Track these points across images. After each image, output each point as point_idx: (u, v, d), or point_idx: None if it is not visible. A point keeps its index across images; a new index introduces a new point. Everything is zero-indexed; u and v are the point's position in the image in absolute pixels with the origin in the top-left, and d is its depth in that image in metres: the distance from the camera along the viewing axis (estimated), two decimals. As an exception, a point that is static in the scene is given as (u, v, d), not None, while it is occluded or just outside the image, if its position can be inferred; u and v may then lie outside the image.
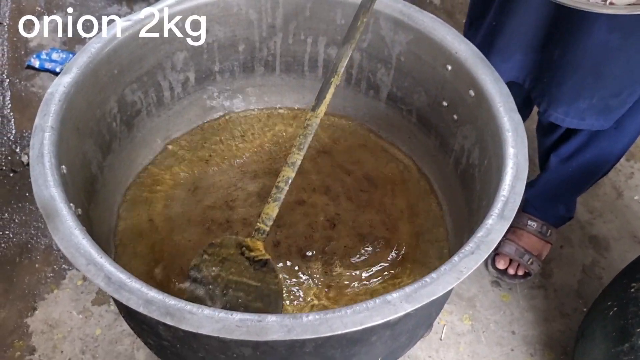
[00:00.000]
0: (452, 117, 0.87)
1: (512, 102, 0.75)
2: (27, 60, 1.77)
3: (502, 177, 0.68)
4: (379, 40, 0.91)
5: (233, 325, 0.54)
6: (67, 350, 1.24)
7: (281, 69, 1.01)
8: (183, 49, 0.90)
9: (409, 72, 0.91)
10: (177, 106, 0.97)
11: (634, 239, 1.51)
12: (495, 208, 0.65)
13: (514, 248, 1.37)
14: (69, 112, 0.73)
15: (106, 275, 0.57)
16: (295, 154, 0.75)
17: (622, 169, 1.63)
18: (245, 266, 0.74)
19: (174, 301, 0.55)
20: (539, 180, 1.32)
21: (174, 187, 0.92)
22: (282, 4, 0.91)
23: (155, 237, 0.86)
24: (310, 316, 0.55)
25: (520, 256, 1.36)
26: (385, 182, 0.95)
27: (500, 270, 1.37)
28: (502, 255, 1.37)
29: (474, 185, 0.83)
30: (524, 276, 1.37)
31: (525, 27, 0.97)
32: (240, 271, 0.73)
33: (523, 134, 0.72)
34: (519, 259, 1.36)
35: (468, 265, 0.60)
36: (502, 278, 1.38)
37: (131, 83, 0.86)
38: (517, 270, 1.36)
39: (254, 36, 0.95)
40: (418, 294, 0.57)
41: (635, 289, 1.04)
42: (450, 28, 0.83)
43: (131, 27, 0.82)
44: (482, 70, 0.79)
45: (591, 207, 1.56)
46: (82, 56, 0.77)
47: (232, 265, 0.74)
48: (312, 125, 0.76)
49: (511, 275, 1.37)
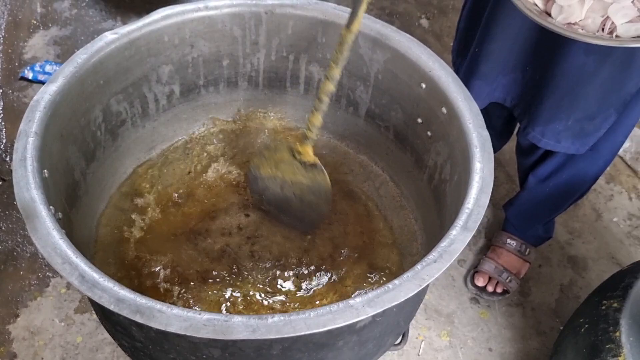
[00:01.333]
0: (427, 134, 0.90)
1: (481, 119, 0.78)
2: (20, 71, 1.80)
3: (468, 191, 0.71)
4: (358, 59, 0.94)
5: (200, 324, 0.56)
6: (48, 357, 1.25)
7: (264, 85, 1.04)
8: (168, 62, 0.94)
9: (387, 89, 0.94)
10: (161, 118, 0.99)
11: (612, 260, 1.53)
12: (460, 219, 0.68)
13: (493, 266, 1.40)
14: (53, 119, 0.75)
15: (80, 274, 0.59)
16: (333, 68, 0.81)
17: (602, 191, 1.67)
18: (297, 166, 0.85)
19: (144, 300, 0.57)
20: (517, 199, 1.36)
21: (156, 196, 0.94)
22: (265, 22, 0.94)
23: (134, 244, 0.88)
24: (275, 317, 0.58)
25: (499, 274, 1.39)
26: (364, 198, 0.98)
27: (479, 288, 1.39)
28: (482, 272, 1.40)
29: (445, 199, 0.86)
30: (503, 293, 1.40)
31: (506, 52, 1.01)
32: (293, 171, 0.85)
33: (490, 150, 0.75)
34: (497, 276, 1.38)
35: (430, 273, 0.63)
36: (481, 295, 1.40)
37: (117, 94, 0.89)
38: (495, 288, 1.39)
39: (238, 52, 0.98)
40: (380, 299, 0.60)
41: (606, 306, 1.06)
42: (425, 48, 0.87)
43: (118, 40, 0.85)
44: (454, 89, 0.82)
45: (571, 228, 1.59)
46: (68, 66, 0.79)
47: (287, 167, 0.85)
48: (347, 42, 0.80)
49: (490, 293, 1.39)
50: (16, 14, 2.02)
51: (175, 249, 0.89)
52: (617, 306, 1.04)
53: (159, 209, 0.94)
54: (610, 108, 1.01)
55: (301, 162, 0.86)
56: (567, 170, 1.21)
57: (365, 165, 1.03)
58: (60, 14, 2.03)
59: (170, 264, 0.87)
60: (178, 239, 0.90)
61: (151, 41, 0.89)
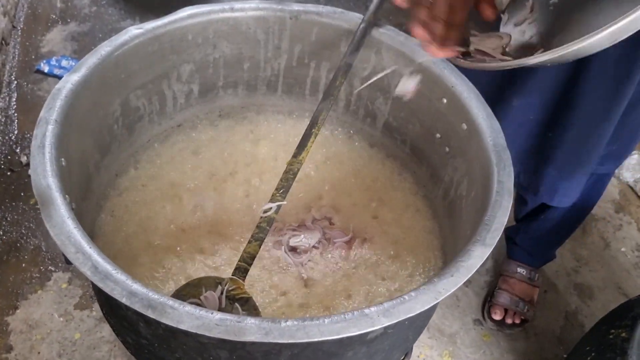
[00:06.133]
0: (445, 149, 0.89)
1: (502, 137, 0.78)
2: (36, 64, 1.81)
3: (487, 208, 0.70)
4: (379, 70, 0.94)
5: (212, 323, 0.55)
6: (44, 352, 1.23)
7: (283, 90, 1.03)
8: (190, 61, 0.93)
9: (406, 103, 0.94)
10: (178, 116, 0.99)
11: (619, 290, 1.52)
12: (478, 235, 0.67)
13: (509, 298, 1.37)
14: (73, 109, 0.75)
15: (93, 264, 0.58)
16: (276, 196, 0.77)
17: (611, 220, 1.66)
18: (225, 304, 0.73)
19: (156, 295, 0.56)
20: (531, 226, 1.33)
21: (166, 193, 0.93)
22: (290, 27, 0.94)
23: (140, 242, 0.87)
24: (289, 322, 0.56)
25: (516, 305, 1.37)
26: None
27: (498, 322, 1.37)
28: (498, 306, 1.37)
29: (460, 215, 0.85)
30: (522, 323, 1.37)
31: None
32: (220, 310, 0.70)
33: (510, 169, 0.74)
34: (515, 307, 1.36)
35: (447, 287, 0.62)
36: (502, 329, 1.37)
37: (136, 89, 0.89)
38: (514, 319, 1.36)
39: (260, 55, 0.98)
40: (396, 310, 0.59)
41: (614, 335, 1.05)
42: (449, 63, 0.86)
43: (142, 35, 0.85)
44: (476, 105, 0.82)
45: (578, 255, 1.58)
46: (92, 57, 0.79)
47: (210, 304, 0.72)
48: (293, 171, 0.78)
49: (510, 325, 1.36)
50: (36, 7, 2.03)
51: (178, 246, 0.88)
52: (626, 336, 1.03)
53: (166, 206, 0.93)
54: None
55: (231, 298, 0.73)
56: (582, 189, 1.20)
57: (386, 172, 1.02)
58: (79, 10, 2.04)
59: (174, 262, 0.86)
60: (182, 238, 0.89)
61: (175, 39, 0.89)
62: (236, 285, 0.74)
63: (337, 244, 0.90)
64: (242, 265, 0.75)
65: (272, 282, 0.84)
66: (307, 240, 0.89)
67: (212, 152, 1.00)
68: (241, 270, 0.75)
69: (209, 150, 1.00)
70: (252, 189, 0.96)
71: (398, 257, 0.90)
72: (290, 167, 0.79)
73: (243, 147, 1.01)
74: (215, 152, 1.00)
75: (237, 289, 0.74)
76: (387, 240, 0.92)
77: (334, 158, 1.01)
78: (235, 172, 0.97)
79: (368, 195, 0.97)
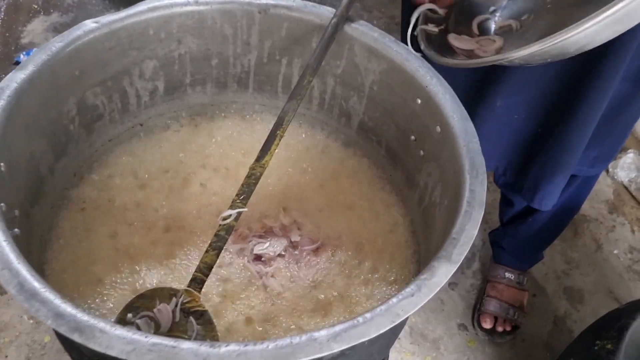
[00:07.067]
0: (419, 153, 0.85)
1: (476, 142, 0.73)
2: (16, 56, 1.76)
3: (456, 220, 0.65)
4: (352, 68, 0.89)
5: (145, 349, 0.51)
6: (12, 355, 1.20)
7: (254, 88, 0.98)
8: (153, 57, 0.88)
9: (381, 102, 0.89)
10: (143, 115, 0.94)
11: (610, 294, 1.47)
12: (444, 250, 0.62)
13: (498, 305, 1.33)
14: (18, 109, 0.70)
15: (20, 282, 0.54)
16: (237, 202, 0.72)
17: (603, 222, 1.61)
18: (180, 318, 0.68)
19: (86, 317, 0.52)
20: (517, 230, 1.29)
21: (127, 195, 0.89)
22: (258, 21, 0.89)
23: (101, 243, 0.83)
24: (229, 346, 0.52)
25: (506, 312, 1.32)
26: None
27: (488, 330, 1.32)
28: (487, 314, 1.33)
29: (434, 223, 0.80)
30: (513, 330, 1.33)
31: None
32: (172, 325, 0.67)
33: (483, 177, 0.69)
34: (505, 315, 1.32)
35: (406, 308, 0.57)
36: (493, 338, 1.33)
37: (94, 86, 0.84)
38: (504, 327, 1.32)
39: (228, 51, 0.93)
40: (348, 334, 0.54)
41: (599, 347, 1.00)
42: (424, 61, 0.81)
43: (98, 30, 0.80)
44: (451, 107, 0.77)
45: (569, 258, 1.53)
46: (40, 53, 0.74)
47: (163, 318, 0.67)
48: (256, 175, 0.74)
49: (501, 333, 1.32)
50: (17, -3, 1.98)
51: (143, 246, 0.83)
52: (611, 348, 0.98)
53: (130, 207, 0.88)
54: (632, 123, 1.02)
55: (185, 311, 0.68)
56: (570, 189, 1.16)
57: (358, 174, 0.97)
58: (62, 0, 1.99)
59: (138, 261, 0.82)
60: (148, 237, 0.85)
61: (134, 33, 0.84)
62: (191, 297, 0.70)
63: (305, 252, 0.85)
64: (198, 276, 0.70)
65: (232, 294, 0.80)
66: (272, 248, 0.84)
67: (177, 152, 0.95)
68: (197, 281, 0.70)
69: (174, 151, 0.95)
70: (218, 194, 0.91)
71: (372, 265, 0.85)
72: (252, 172, 0.75)
73: (212, 148, 0.96)
74: (181, 152, 0.95)
75: (193, 301, 0.70)
76: (360, 248, 0.87)
77: (306, 159, 0.96)
78: (201, 174, 0.93)
79: (341, 199, 0.92)
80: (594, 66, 0.88)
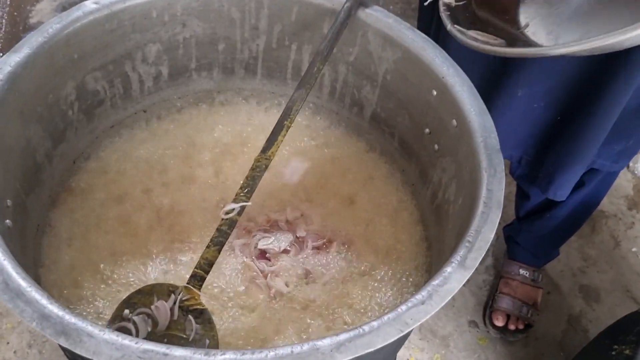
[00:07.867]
0: (434, 147, 0.80)
1: (495, 138, 0.68)
2: (23, 36, 1.72)
3: (471, 221, 0.61)
4: (366, 56, 0.84)
5: (134, 355, 0.48)
6: (14, 342, 1.18)
7: (262, 74, 0.94)
8: (156, 41, 0.85)
9: (395, 92, 0.84)
10: (146, 101, 0.91)
11: (627, 293, 1.43)
12: (457, 255, 0.58)
13: (511, 302, 1.28)
14: (12, 93, 0.67)
15: (4, 279, 0.51)
16: (240, 196, 0.68)
17: (622, 218, 1.56)
18: (178, 316, 0.65)
19: (74, 319, 0.49)
20: (534, 225, 1.24)
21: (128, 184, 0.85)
22: (267, 5, 0.85)
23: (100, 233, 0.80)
24: (225, 355, 0.49)
25: (519, 310, 1.28)
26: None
27: (500, 328, 1.28)
28: (499, 311, 1.28)
29: (447, 222, 0.76)
30: (526, 329, 1.29)
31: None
32: (170, 323, 0.64)
33: (501, 175, 0.65)
34: (518, 312, 1.27)
35: (416, 317, 0.53)
36: (505, 336, 1.29)
37: (94, 70, 0.80)
38: (517, 325, 1.28)
39: (236, 36, 0.89)
40: (353, 344, 0.51)
41: (617, 352, 0.96)
42: (442, 50, 0.77)
43: (98, 11, 0.76)
44: (468, 100, 0.72)
45: (586, 255, 1.48)
46: (36, 35, 0.71)
47: (161, 315, 0.64)
48: (261, 168, 0.70)
49: (513, 331, 1.28)
50: (26, -25, 1.94)
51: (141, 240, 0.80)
52: (630, 354, 0.94)
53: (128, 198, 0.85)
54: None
55: (184, 309, 0.65)
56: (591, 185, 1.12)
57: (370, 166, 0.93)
58: (71, -21, 1.95)
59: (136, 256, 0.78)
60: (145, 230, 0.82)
61: (136, 15, 0.80)
62: (191, 294, 0.67)
63: (312, 248, 0.81)
64: (198, 273, 0.67)
65: (234, 293, 0.76)
66: (278, 243, 0.81)
67: (181, 140, 0.91)
68: (197, 278, 0.67)
69: (178, 139, 0.91)
70: (222, 185, 0.87)
71: (381, 264, 0.81)
72: (257, 164, 0.71)
73: (217, 136, 0.93)
74: (186, 140, 0.91)
75: (192, 299, 0.67)
76: (368, 245, 0.83)
77: (315, 150, 0.92)
78: (205, 164, 0.89)
79: (351, 192, 0.88)
80: (619, 55, 0.83)
